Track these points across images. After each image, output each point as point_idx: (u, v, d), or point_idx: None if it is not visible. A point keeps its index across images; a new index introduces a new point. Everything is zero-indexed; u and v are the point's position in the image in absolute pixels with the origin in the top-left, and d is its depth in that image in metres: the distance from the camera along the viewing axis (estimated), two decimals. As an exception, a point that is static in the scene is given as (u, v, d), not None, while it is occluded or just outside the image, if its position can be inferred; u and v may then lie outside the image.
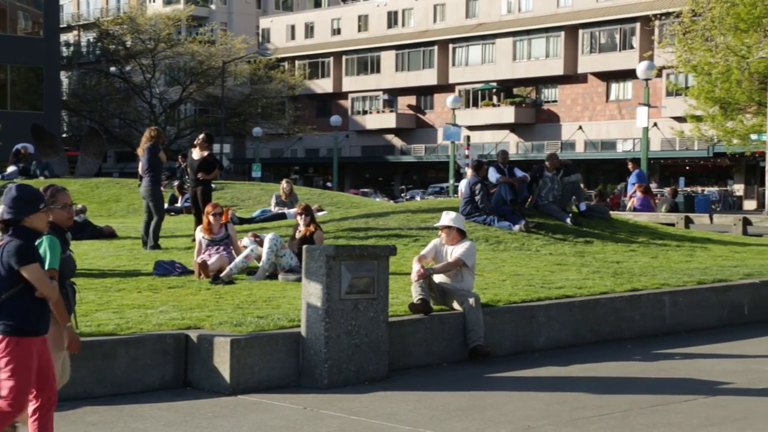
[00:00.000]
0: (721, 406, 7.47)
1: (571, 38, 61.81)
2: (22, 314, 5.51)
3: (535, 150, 63.24)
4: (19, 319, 5.50)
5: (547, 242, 14.85)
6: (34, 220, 5.59)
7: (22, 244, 5.49)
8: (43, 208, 5.66)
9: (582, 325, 10.12)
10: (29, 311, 5.52)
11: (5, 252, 5.49)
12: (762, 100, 36.83)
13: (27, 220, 5.59)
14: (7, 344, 5.48)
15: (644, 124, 30.39)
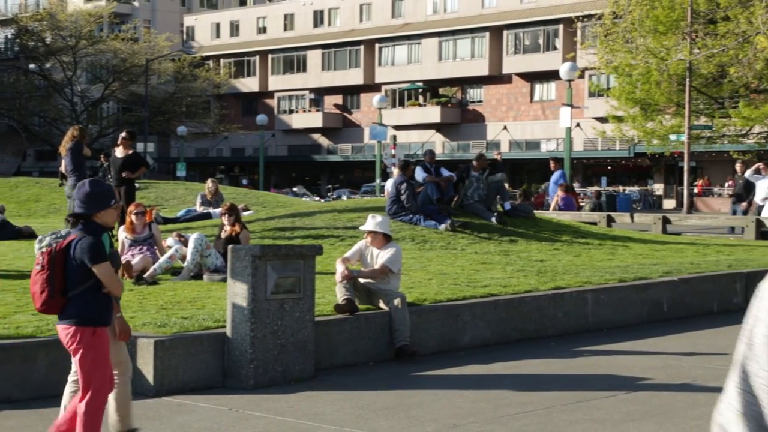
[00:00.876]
0: (641, 402, 7.62)
1: (495, 39, 62.41)
2: (94, 306, 5.71)
3: (461, 150, 63.71)
4: (92, 310, 5.71)
5: (472, 241, 14.97)
6: (104, 215, 5.77)
7: (94, 242, 5.66)
8: (113, 205, 5.84)
9: (506, 324, 10.23)
10: (100, 303, 5.73)
11: (78, 248, 5.64)
12: (680, 101, 37.62)
13: (98, 216, 5.76)
14: (82, 335, 5.68)
15: (567, 124, 30.83)
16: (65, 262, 5.68)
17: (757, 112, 37.02)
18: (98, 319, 5.72)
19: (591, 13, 43.45)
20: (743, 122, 38.13)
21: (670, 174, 56.84)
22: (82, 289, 5.67)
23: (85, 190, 5.76)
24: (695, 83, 36.91)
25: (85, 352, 5.66)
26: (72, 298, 5.68)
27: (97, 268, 5.62)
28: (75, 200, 5.81)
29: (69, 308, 5.69)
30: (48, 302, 5.69)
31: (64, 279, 5.68)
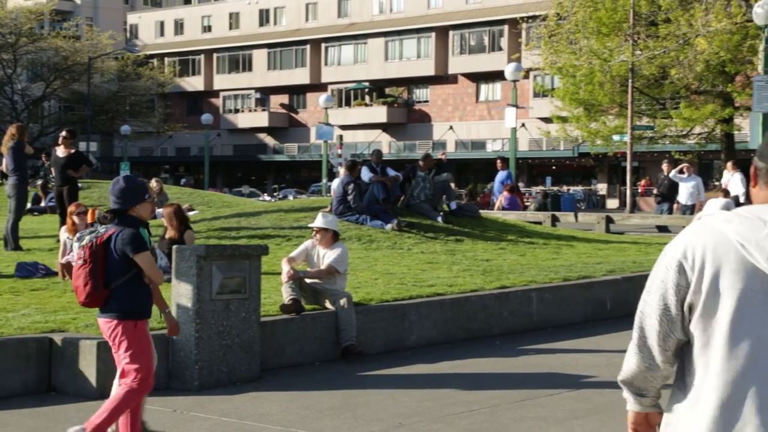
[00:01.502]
0: (585, 399, 7.70)
1: (441, 39, 62.66)
2: (135, 298, 5.92)
3: (408, 149, 63.85)
4: (133, 303, 5.92)
5: (418, 241, 15.01)
6: (140, 209, 5.98)
7: (135, 233, 5.88)
8: (148, 199, 6.07)
9: (452, 323, 10.27)
10: (140, 296, 5.93)
11: (119, 240, 5.85)
12: (623, 102, 38.10)
13: (134, 210, 5.98)
14: (124, 328, 5.87)
15: (512, 124, 31.06)
16: (106, 255, 5.88)
17: (697, 113, 37.63)
18: (139, 312, 5.94)
19: (535, 14, 43.86)
20: (684, 123, 38.74)
21: (613, 174, 57.53)
22: (123, 281, 5.88)
23: (120, 186, 5.99)
24: (637, 84, 37.42)
25: (127, 344, 5.86)
26: (114, 290, 5.88)
27: (139, 257, 5.85)
28: (110, 196, 6.06)
29: (111, 302, 5.90)
30: (92, 295, 5.88)
31: (105, 272, 5.87)
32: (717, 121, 38.57)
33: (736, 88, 36.55)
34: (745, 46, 33.32)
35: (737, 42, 32.47)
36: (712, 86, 37.59)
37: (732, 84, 36.84)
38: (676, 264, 2.66)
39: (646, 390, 2.84)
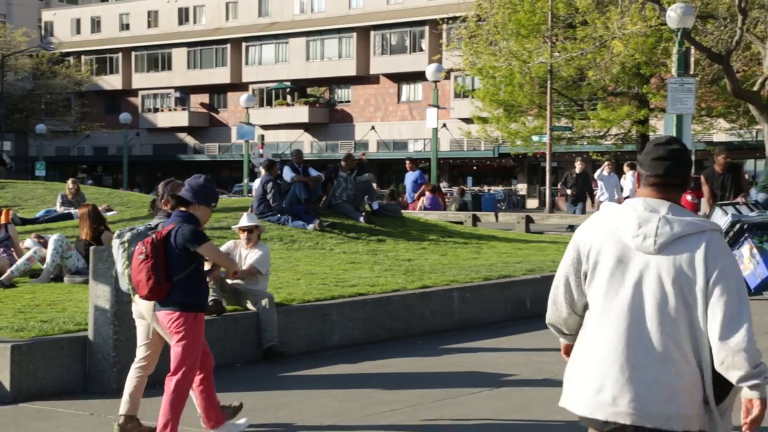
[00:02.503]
0: (505, 398, 7.78)
1: (363, 39, 62.73)
2: (195, 292, 6.16)
3: (330, 150, 63.78)
4: (193, 296, 6.15)
5: (340, 241, 15.01)
6: (201, 210, 6.21)
7: (194, 228, 6.11)
8: (213, 206, 6.34)
9: (374, 323, 10.29)
10: (200, 288, 6.20)
11: (179, 235, 6.06)
12: (542, 103, 38.64)
13: (196, 208, 6.21)
14: (185, 320, 6.09)
15: (434, 125, 31.25)
16: (166, 249, 6.09)
17: (614, 114, 38.37)
18: (199, 305, 6.21)
19: (455, 15, 44.16)
20: (601, 124, 39.47)
21: (533, 174, 58.28)
22: (184, 275, 6.10)
23: (199, 182, 6.24)
24: (556, 86, 37.98)
25: (185, 336, 6.10)
26: (176, 283, 6.09)
27: (202, 249, 6.11)
28: (185, 185, 6.25)
29: (173, 295, 6.10)
30: (155, 288, 6.07)
31: (166, 266, 6.07)
32: (633, 122, 39.37)
33: (651, 90, 37.36)
34: (659, 49, 34.07)
35: (652, 45, 33.18)
36: (628, 88, 38.36)
37: (647, 86, 37.64)
38: (575, 245, 3.78)
39: (563, 330, 3.94)
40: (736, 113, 37.49)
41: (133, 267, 6.21)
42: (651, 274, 3.62)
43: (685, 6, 19.09)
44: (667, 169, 3.69)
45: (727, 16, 25.08)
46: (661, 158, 3.71)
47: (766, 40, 24.21)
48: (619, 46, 27.61)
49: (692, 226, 3.62)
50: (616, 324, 3.62)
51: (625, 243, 3.66)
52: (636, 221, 3.65)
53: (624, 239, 3.66)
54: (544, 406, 7.47)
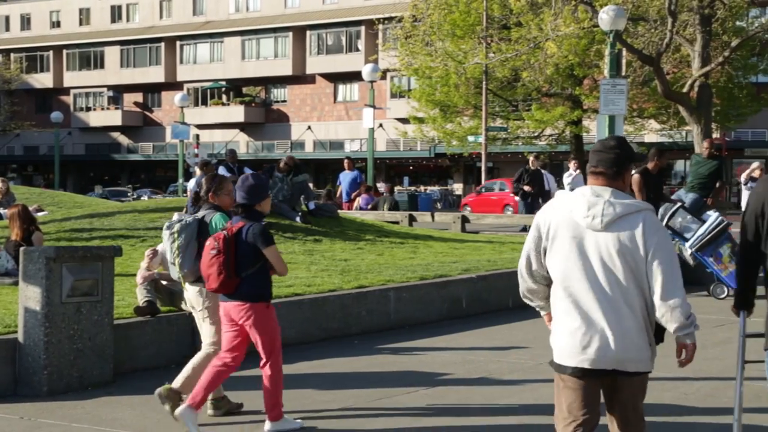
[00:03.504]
0: (441, 397, 7.82)
1: (299, 39, 62.55)
2: (263, 284, 6.59)
3: (266, 149, 63.48)
4: (262, 288, 6.59)
5: (277, 241, 14.89)
6: (263, 204, 6.60)
7: (265, 228, 6.55)
8: (269, 195, 6.70)
9: (311, 323, 10.26)
10: (268, 281, 6.63)
11: (251, 233, 6.47)
12: (478, 103, 38.92)
13: (258, 205, 6.59)
14: (257, 309, 6.53)
15: (370, 125, 31.28)
16: (237, 245, 6.45)
17: (548, 115, 38.80)
18: (267, 295, 6.62)
19: (391, 15, 44.28)
20: (536, 125, 39.88)
21: (468, 174, 58.65)
22: (253, 270, 6.49)
23: (250, 183, 6.58)
24: (491, 86, 38.29)
25: (263, 323, 6.56)
26: (245, 278, 6.47)
27: (268, 250, 6.49)
28: (238, 192, 6.60)
29: (243, 287, 6.49)
30: (225, 282, 6.43)
31: (236, 261, 6.44)
32: (566, 122, 39.85)
33: (584, 91, 37.84)
34: (592, 51, 34.53)
35: (584, 46, 33.60)
36: (562, 89, 38.81)
37: (580, 87, 38.12)
38: (536, 226, 4.60)
39: (534, 299, 4.76)
40: (667, 114, 38.16)
41: (203, 261, 6.57)
42: (600, 248, 4.49)
43: (617, 8, 19.38)
44: (599, 161, 4.61)
45: (658, 18, 25.50)
46: (597, 152, 4.66)
47: (695, 43, 24.69)
48: (552, 48, 27.90)
49: (631, 207, 4.53)
50: (576, 290, 4.48)
51: (578, 223, 4.53)
52: (585, 205, 4.52)
53: (576, 220, 4.53)
54: (479, 405, 7.52)
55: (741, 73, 38.13)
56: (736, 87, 38.55)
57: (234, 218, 6.65)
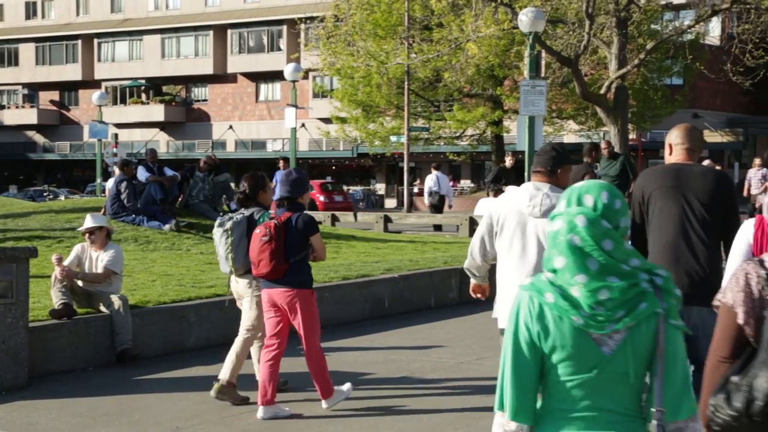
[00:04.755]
0: (363, 396, 7.82)
1: (220, 38, 62.01)
2: (308, 272, 7.11)
3: (186, 149, 62.79)
4: (307, 276, 7.10)
5: (198, 241, 14.79)
6: (304, 197, 7.14)
7: (312, 218, 7.08)
8: (310, 189, 7.31)
9: (233, 324, 10.12)
10: (310, 269, 7.16)
11: (301, 221, 6.99)
12: (400, 104, 39.05)
13: (301, 198, 7.13)
14: (303, 296, 7.00)
15: (292, 124, 31.14)
16: (286, 233, 6.93)
17: (469, 116, 39.13)
18: (311, 282, 7.13)
19: (313, 15, 44.16)
20: (457, 125, 40.18)
21: (391, 174, 58.82)
22: (300, 257, 6.99)
23: (293, 178, 7.11)
24: (413, 87, 38.45)
25: (308, 308, 7.01)
26: (292, 264, 6.94)
27: (315, 237, 7.06)
28: (282, 186, 7.12)
29: (290, 275, 6.95)
30: (276, 268, 6.90)
31: (285, 248, 6.92)
32: (488, 123, 40.24)
33: (504, 92, 38.25)
34: (512, 52, 34.92)
35: (505, 47, 33.96)
36: (483, 90, 39.18)
37: (501, 88, 38.52)
38: (488, 215, 5.68)
39: (476, 273, 5.91)
40: (585, 115, 38.78)
41: (253, 248, 7.04)
42: (538, 231, 5.55)
43: (536, 10, 19.62)
44: (539, 162, 5.73)
45: (576, 21, 25.89)
46: (537, 155, 5.81)
47: (612, 45, 25.13)
48: (473, 49, 28.13)
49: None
50: (516, 264, 5.57)
51: (522, 212, 5.60)
52: (528, 196, 5.58)
53: (521, 209, 5.59)
54: (401, 404, 7.55)
55: (656, 75, 38.96)
56: (652, 89, 39.38)
57: (278, 210, 7.14)
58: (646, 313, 2.71)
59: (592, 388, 2.74)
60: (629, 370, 2.73)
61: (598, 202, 2.78)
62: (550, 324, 2.74)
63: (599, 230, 2.73)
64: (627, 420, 2.74)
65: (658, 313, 2.73)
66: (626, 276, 2.72)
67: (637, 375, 2.75)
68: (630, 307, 2.71)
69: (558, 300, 2.73)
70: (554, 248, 2.78)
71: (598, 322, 2.70)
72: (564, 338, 2.72)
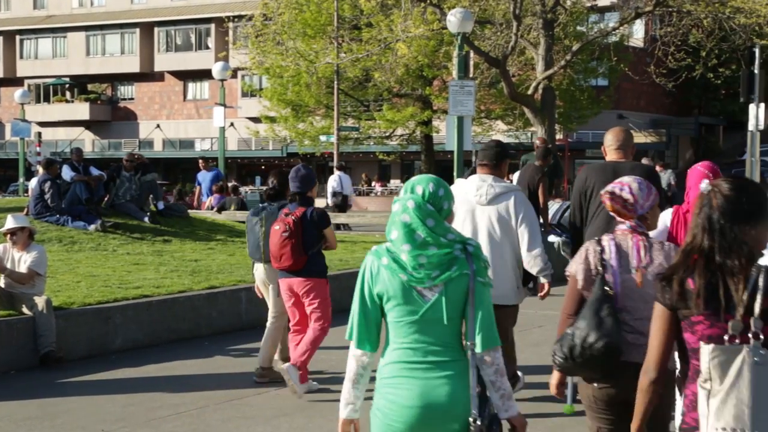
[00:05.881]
0: (292, 397, 7.79)
1: (146, 36, 61.23)
2: (323, 262, 7.72)
3: (113, 148, 61.88)
4: (323, 265, 7.71)
5: (124, 242, 14.59)
6: (313, 191, 7.69)
7: (324, 210, 7.72)
8: (316, 183, 7.80)
9: (160, 325, 10.06)
10: (324, 259, 7.77)
11: (315, 215, 7.60)
12: (329, 103, 38.99)
13: (310, 192, 7.71)
14: (320, 285, 7.62)
15: (221, 123, 30.90)
16: (303, 227, 7.50)
17: (399, 115, 39.24)
18: (326, 272, 7.75)
19: (242, 13, 43.84)
20: (387, 125, 40.27)
21: (321, 174, 58.73)
22: (317, 249, 7.60)
23: (302, 174, 7.65)
24: (343, 86, 38.42)
25: (324, 296, 7.63)
26: (311, 256, 7.53)
27: (328, 230, 7.67)
28: (292, 182, 7.66)
29: (309, 265, 7.55)
30: (298, 260, 7.48)
31: (303, 241, 7.49)
32: (417, 123, 40.40)
33: (433, 92, 38.45)
34: (441, 52, 35.09)
35: (434, 48, 34.13)
36: (412, 90, 39.32)
37: (430, 88, 38.71)
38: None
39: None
40: (513, 116, 39.17)
41: (274, 242, 7.55)
42: (486, 217, 6.60)
43: (464, 11, 19.75)
44: (484, 157, 6.75)
45: (503, 22, 26.13)
46: (482, 150, 6.80)
47: (539, 46, 25.42)
48: (402, 49, 28.21)
49: (505, 188, 6.70)
50: None
51: (471, 200, 6.62)
52: (475, 187, 6.65)
53: (469, 198, 6.61)
54: (330, 403, 7.54)
55: (582, 76, 39.51)
56: (578, 90, 39.93)
57: (291, 205, 7.67)
58: (456, 273, 3.56)
59: (417, 327, 3.58)
60: (443, 315, 3.56)
61: (425, 191, 3.62)
62: (385, 279, 3.62)
63: (424, 212, 3.58)
64: (444, 351, 3.58)
65: (468, 273, 3.56)
66: (443, 246, 3.57)
67: (450, 318, 3.57)
68: (444, 268, 3.56)
69: (390, 263, 3.61)
70: (392, 224, 3.63)
71: (419, 279, 3.56)
72: (395, 290, 3.60)
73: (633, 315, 4.13)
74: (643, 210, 4.31)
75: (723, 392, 3.02)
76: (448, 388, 3.53)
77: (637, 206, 4.29)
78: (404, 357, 3.61)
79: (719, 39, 24.86)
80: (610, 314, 4.03)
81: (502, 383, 3.61)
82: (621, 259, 4.13)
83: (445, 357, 3.57)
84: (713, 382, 3.04)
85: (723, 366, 3.02)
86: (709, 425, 3.04)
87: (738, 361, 3.01)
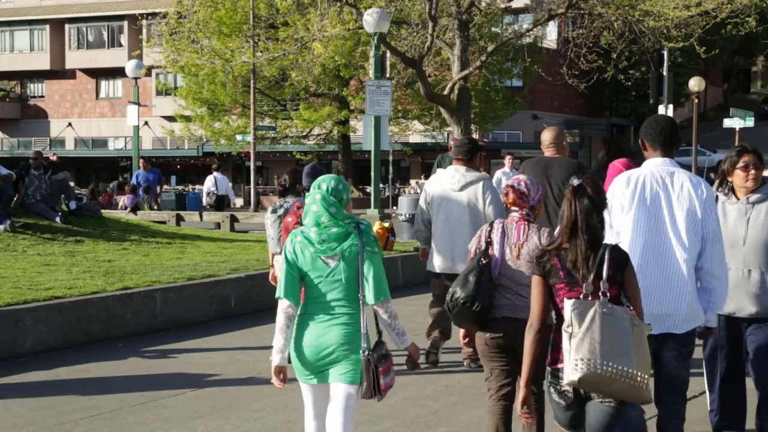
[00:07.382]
0: (208, 398, 7.73)
1: (57, 33, 59.98)
2: None
3: (23, 147, 60.46)
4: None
5: (35, 242, 14.29)
6: None
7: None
8: None
9: (72, 327, 9.87)
10: None
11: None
12: (246, 102, 38.74)
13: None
14: None
15: (135, 122, 30.49)
16: None
17: (316, 115, 39.20)
18: None
19: (155, 11, 43.25)
20: (304, 124, 40.19)
21: (237, 173, 58.29)
22: None
23: (318, 170, 8.01)
24: (259, 85, 38.21)
25: None
26: None
27: None
28: (305, 178, 8.13)
29: None
30: None
31: None
32: (334, 122, 40.42)
33: (350, 92, 38.50)
34: (357, 52, 35.16)
35: (350, 48, 34.15)
36: (329, 89, 39.31)
37: (347, 88, 38.75)
38: (425, 192, 8.35)
39: (422, 239, 8.46)
40: (430, 116, 39.45)
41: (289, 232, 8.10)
42: (459, 202, 8.05)
43: (381, 11, 19.83)
44: (459, 152, 8.23)
45: (419, 22, 26.28)
46: (457, 146, 8.29)
47: (454, 47, 25.62)
48: (319, 48, 28.14)
49: (475, 177, 8.12)
50: (442, 227, 8.17)
51: (446, 188, 8.14)
52: (450, 176, 8.12)
53: (445, 186, 8.14)
54: (247, 405, 7.50)
55: (497, 77, 40.00)
56: (493, 90, 40.41)
57: (303, 199, 7.72)
58: (350, 244, 4.86)
59: (325, 286, 4.90)
60: (342, 276, 4.87)
61: (329, 187, 4.93)
62: (300, 252, 4.93)
63: (327, 202, 4.89)
64: (345, 304, 4.88)
65: (358, 245, 4.85)
66: (341, 226, 4.88)
67: (348, 279, 4.87)
68: (341, 241, 4.87)
69: (303, 239, 4.94)
70: (306, 213, 4.93)
71: (323, 251, 4.88)
72: (306, 260, 4.92)
73: (512, 281, 5.27)
74: (533, 201, 5.40)
75: (581, 333, 4.13)
76: (342, 329, 4.85)
77: (530, 198, 5.38)
78: (313, 309, 4.91)
79: (629, 42, 25.37)
80: (475, 276, 5.18)
81: (395, 325, 4.93)
82: (505, 237, 5.31)
83: (344, 309, 4.88)
84: (573, 327, 4.15)
85: (581, 315, 4.16)
86: (570, 357, 4.13)
87: (591, 311, 4.16)
